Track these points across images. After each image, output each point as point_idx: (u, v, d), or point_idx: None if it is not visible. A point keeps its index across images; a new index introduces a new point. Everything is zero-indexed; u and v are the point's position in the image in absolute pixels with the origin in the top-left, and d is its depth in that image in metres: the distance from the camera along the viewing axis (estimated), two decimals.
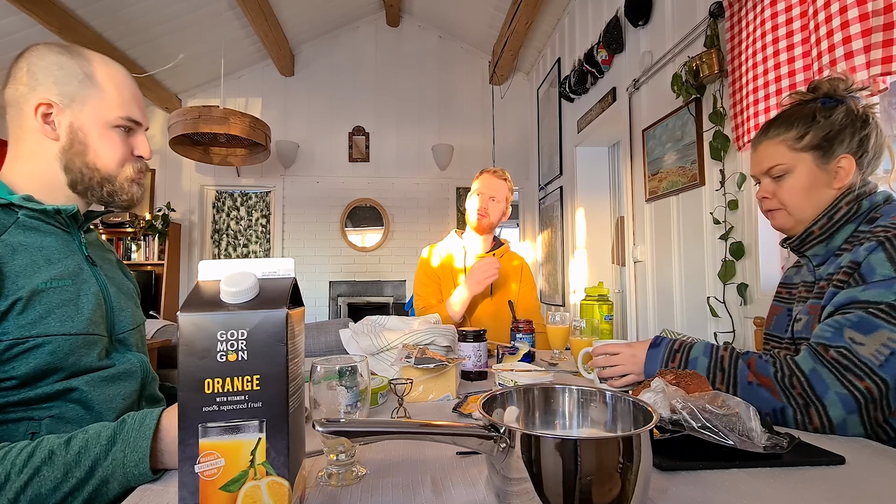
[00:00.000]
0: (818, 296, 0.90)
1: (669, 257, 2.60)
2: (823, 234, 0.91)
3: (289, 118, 5.16)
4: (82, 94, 0.82)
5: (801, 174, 0.92)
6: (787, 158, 0.93)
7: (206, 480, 0.45)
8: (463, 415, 0.87)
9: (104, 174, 0.85)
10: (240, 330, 0.47)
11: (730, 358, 0.85)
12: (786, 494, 0.55)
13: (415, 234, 5.27)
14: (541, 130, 4.86)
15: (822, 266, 0.93)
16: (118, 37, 3.88)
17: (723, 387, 0.83)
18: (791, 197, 0.94)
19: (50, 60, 0.81)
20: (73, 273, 0.79)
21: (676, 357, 0.91)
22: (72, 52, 0.83)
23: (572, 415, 0.61)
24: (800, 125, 0.92)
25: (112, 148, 0.85)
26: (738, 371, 0.83)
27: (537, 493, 0.45)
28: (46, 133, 0.81)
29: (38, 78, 0.80)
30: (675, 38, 2.49)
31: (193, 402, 0.46)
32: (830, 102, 0.92)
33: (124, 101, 0.85)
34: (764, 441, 0.63)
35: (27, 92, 0.80)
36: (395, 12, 5.12)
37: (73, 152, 0.82)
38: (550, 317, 1.44)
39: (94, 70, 0.83)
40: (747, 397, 0.80)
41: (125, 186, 0.87)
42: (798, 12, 1.69)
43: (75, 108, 0.82)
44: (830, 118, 0.90)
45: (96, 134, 0.83)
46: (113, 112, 0.84)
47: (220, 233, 5.18)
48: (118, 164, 0.86)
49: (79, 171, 0.83)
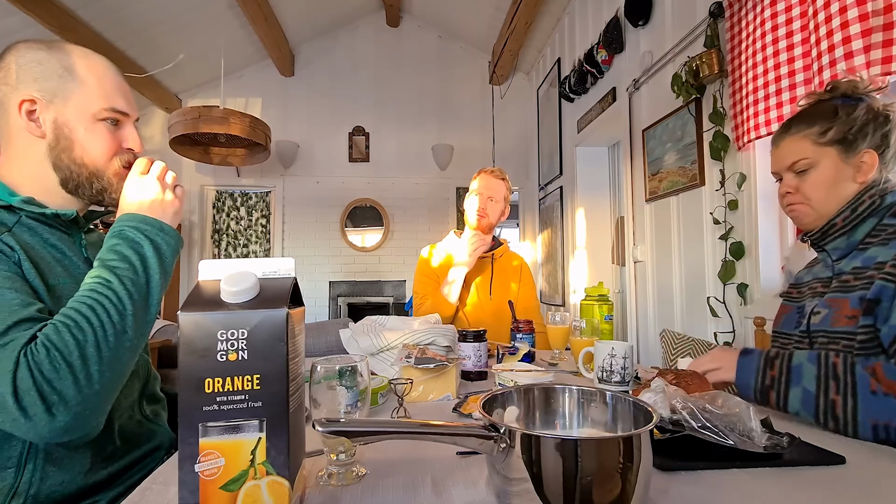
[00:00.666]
0: (840, 290, 0.90)
1: (669, 257, 2.60)
2: (846, 227, 0.92)
3: (289, 118, 5.15)
4: (64, 89, 0.80)
5: (825, 168, 0.94)
6: (811, 153, 0.95)
7: (207, 480, 0.45)
8: (463, 415, 0.87)
9: (91, 169, 0.83)
10: (240, 329, 0.47)
11: (844, 365, 0.78)
12: (786, 494, 0.55)
13: (415, 234, 5.27)
14: (541, 130, 4.86)
15: (843, 260, 0.94)
16: (118, 37, 3.88)
17: (839, 397, 0.76)
18: (815, 190, 0.95)
19: (29, 57, 0.80)
20: (75, 274, 0.80)
21: (775, 364, 0.85)
22: (51, 47, 0.82)
23: (572, 415, 0.61)
24: (823, 121, 0.94)
25: (99, 142, 0.83)
26: (858, 379, 0.76)
27: (537, 493, 0.45)
28: (32, 131, 0.80)
29: (20, 76, 0.79)
30: (675, 38, 2.49)
31: (194, 402, 0.46)
32: (850, 101, 0.94)
33: (107, 93, 0.83)
34: (764, 441, 0.63)
35: (10, 91, 0.79)
36: (394, 12, 5.12)
37: (60, 149, 0.81)
38: (550, 317, 1.44)
39: (73, 63, 0.81)
40: (871, 408, 0.74)
41: (114, 183, 0.85)
42: (798, 12, 1.69)
43: (58, 103, 0.80)
44: (853, 115, 0.92)
45: (82, 128, 0.81)
46: (96, 104, 0.82)
47: (221, 233, 5.18)
48: (106, 158, 0.84)
49: (67, 169, 0.82)
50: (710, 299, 2.18)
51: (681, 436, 0.64)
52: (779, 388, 0.83)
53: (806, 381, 0.80)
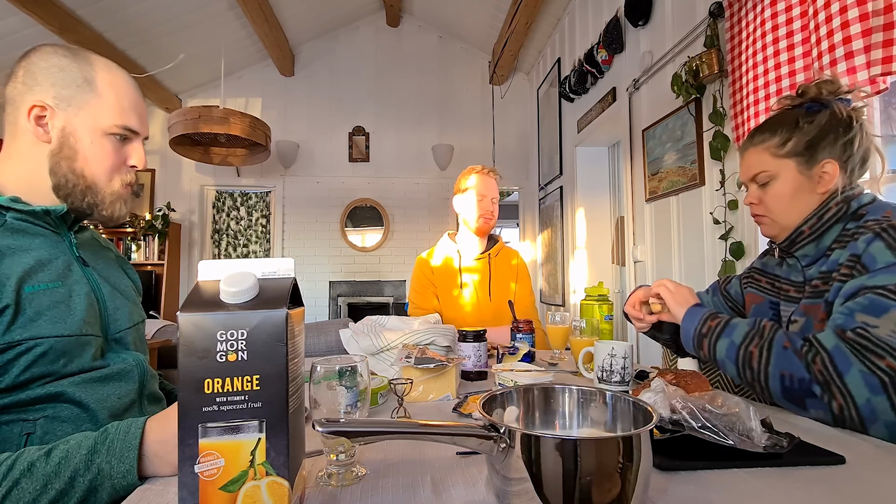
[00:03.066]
0: (812, 295, 0.91)
1: (669, 257, 2.60)
2: (813, 234, 0.92)
3: (289, 118, 5.15)
4: (79, 99, 0.80)
5: (785, 181, 0.93)
6: (770, 165, 0.94)
7: (206, 480, 0.45)
8: (463, 415, 0.87)
9: (89, 182, 0.82)
10: (240, 330, 0.47)
11: (770, 328, 0.86)
12: (786, 494, 0.55)
13: (415, 234, 5.27)
14: (541, 130, 4.86)
15: (813, 266, 0.94)
16: (118, 37, 3.88)
17: (756, 350, 0.83)
18: (776, 203, 0.95)
19: (51, 62, 0.80)
20: (62, 275, 0.78)
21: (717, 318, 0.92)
22: (76, 56, 0.82)
23: (572, 415, 0.61)
24: (783, 131, 0.93)
25: (102, 156, 0.82)
26: (776, 337, 0.83)
27: (537, 493, 0.45)
28: (38, 135, 0.79)
29: (37, 79, 0.79)
30: (674, 38, 2.49)
31: (193, 402, 0.46)
32: (814, 107, 0.93)
33: (123, 109, 0.83)
34: (764, 441, 0.63)
35: (24, 91, 0.79)
36: (395, 12, 5.12)
37: (62, 156, 0.80)
38: (550, 317, 1.44)
39: (95, 75, 0.81)
40: (781, 362, 0.80)
41: (107, 200, 0.84)
42: (798, 12, 1.69)
43: (70, 111, 0.80)
44: (813, 123, 0.91)
45: (88, 140, 0.81)
46: (108, 119, 0.82)
47: (220, 233, 5.18)
48: (107, 173, 0.83)
49: (63, 176, 0.80)
50: None
51: (680, 435, 0.64)
52: (711, 337, 0.91)
53: (735, 336, 0.88)
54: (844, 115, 0.90)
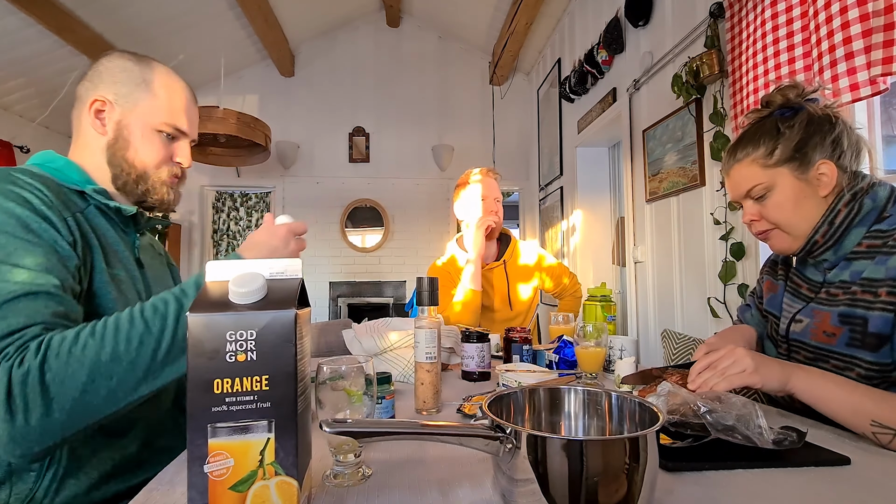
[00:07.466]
0: (826, 302, 0.88)
1: (670, 258, 2.60)
2: (829, 241, 0.87)
3: (289, 118, 5.15)
4: (135, 96, 0.88)
5: (783, 189, 0.88)
6: (763, 177, 0.89)
7: (216, 480, 0.45)
8: (466, 415, 0.87)
9: (140, 171, 0.89)
10: (249, 330, 0.47)
11: None
12: (791, 495, 0.55)
13: (415, 234, 5.27)
14: (541, 131, 4.86)
15: (834, 270, 0.89)
16: (117, 37, 3.87)
17: None
18: (780, 214, 0.89)
19: (117, 63, 0.89)
20: (126, 269, 0.86)
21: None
22: (139, 60, 0.91)
23: (578, 415, 0.61)
24: (766, 141, 0.89)
25: (151, 149, 0.90)
26: None
27: (543, 494, 0.45)
28: (96, 128, 0.87)
29: (102, 77, 0.88)
30: (675, 38, 2.50)
31: (203, 403, 0.46)
32: (788, 112, 0.90)
33: (173, 110, 0.91)
34: (773, 437, 0.63)
35: (91, 88, 0.87)
36: (394, 13, 5.12)
37: (117, 147, 0.88)
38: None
39: (153, 78, 0.90)
40: None
41: (157, 187, 0.92)
42: (798, 13, 1.69)
43: (127, 107, 0.88)
44: (794, 126, 0.87)
45: (139, 133, 0.88)
46: (159, 117, 0.89)
47: (221, 233, 5.18)
48: (155, 164, 0.91)
49: (118, 166, 0.88)
50: (710, 300, 2.19)
51: (692, 438, 0.65)
52: None
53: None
54: (821, 113, 0.87)
